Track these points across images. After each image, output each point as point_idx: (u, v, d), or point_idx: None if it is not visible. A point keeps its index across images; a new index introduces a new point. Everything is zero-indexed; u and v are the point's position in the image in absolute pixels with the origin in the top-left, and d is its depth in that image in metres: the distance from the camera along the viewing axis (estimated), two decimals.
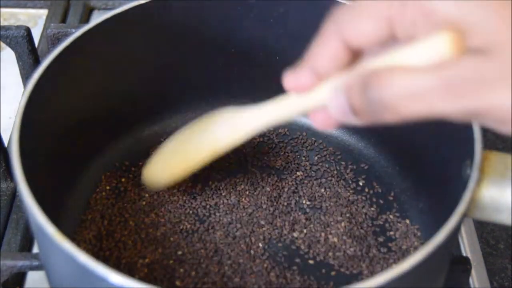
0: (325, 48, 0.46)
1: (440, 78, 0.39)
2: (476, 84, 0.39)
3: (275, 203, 0.66)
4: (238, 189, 0.67)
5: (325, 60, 0.46)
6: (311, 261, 0.61)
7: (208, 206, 0.65)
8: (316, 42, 0.47)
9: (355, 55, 0.46)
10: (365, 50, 0.46)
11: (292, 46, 0.69)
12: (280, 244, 0.63)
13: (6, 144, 0.68)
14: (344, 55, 0.46)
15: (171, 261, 0.61)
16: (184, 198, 0.66)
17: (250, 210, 0.65)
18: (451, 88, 0.39)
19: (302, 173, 0.69)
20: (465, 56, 0.40)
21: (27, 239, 0.67)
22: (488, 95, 0.39)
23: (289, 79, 0.48)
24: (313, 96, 0.48)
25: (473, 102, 0.39)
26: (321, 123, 0.49)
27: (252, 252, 0.62)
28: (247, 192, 0.67)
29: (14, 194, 0.70)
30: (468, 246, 0.70)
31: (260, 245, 0.63)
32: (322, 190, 0.67)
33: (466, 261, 0.62)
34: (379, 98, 0.41)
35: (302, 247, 0.62)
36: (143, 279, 0.59)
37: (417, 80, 0.40)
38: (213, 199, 0.66)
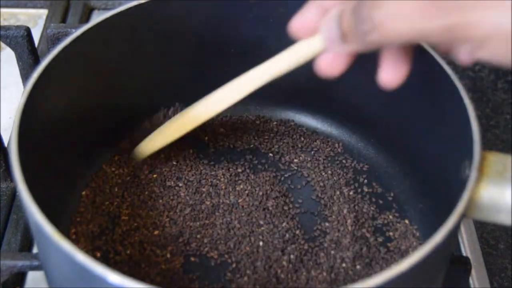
0: None
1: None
2: (458, 3, 0.41)
3: (274, 203, 0.66)
4: (237, 189, 0.67)
5: None
6: (310, 261, 0.61)
7: (207, 206, 0.65)
8: None
9: None
10: None
11: None
12: (279, 244, 0.63)
13: (6, 144, 0.69)
14: None
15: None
16: (183, 198, 0.66)
17: (249, 210, 0.65)
18: (432, 7, 0.42)
19: (301, 173, 0.69)
20: None
21: (27, 239, 0.67)
22: (467, 13, 0.41)
23: (295, 20, 0.52)
24: (316, 39, 0.51)
25: (452, 18, 0.41)
26: (324, 66, 0.52)
27: (251, 251, 0.62)
28: (247, 192, 0.67)
29: (14, 194, 0.70)
30: (468, 246, 0.70)
31: (260, 244, 0.63)
32: (322, 190, 0.67)
33: (466, 261, 0.62)
34: (367, 15, 0.44)
35: (302, 247, 0.62)
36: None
37: (405, 3, 0.43)
38: (212, 198, 0.66)
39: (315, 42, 0.52)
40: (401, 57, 0.50)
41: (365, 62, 0.66)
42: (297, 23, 0.53)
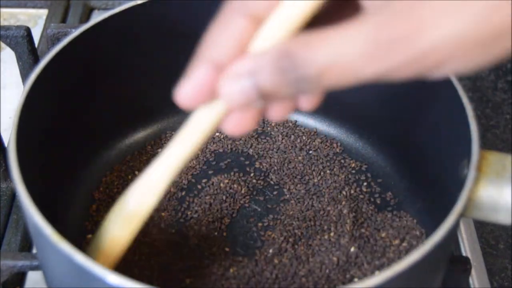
0: (227, 28, 0.40)
1: (367, 42, 0.36)
2: (405, 31, 0.36)
3: (272, 204, 0.66)
4: (235, 187, 0.67)
5: (227, 42, 0.40)
6: (308, 260, 0.61)
7: (208, 203, 0.65)
8: (213, 26, 0.41)
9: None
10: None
11: None
12: (277, 243, 0.63)
13: (6, 144, 0.69)
14: (250, 31, 0.40)
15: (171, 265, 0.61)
16: (183, 201, 0.66)
17: (248, 209, 0.65)
18: (376, 47, 0.36)
19: (299, 173, 0.69)
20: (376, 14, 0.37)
21: (27, 239, 0.67)
22: (417, 42, 0.36)
23: (182, 88, 0.41)
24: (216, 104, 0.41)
25: (404, 54, 0.36)
26: (234, 126, 0.43)
27: (248, 248, 0.62)
28: (244, 191, 0.67)
29: (14, 194, 0.70)
30: (468, 246, 0.70)
31: (258, 242, 0.63)
32: (321, 189, 0.67)
33: (466, 261, 0.62)
34: (305, 61, 0.37)
35: (301, 246, 0.62)
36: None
37: (343, 46, 0.37)
38: (211, 196, 0.66)
39: (217, 108, 0.42)
40: None
41: None
42: (188, 89, 0.41)
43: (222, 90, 0.40)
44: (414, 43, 0.36)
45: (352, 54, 0.37)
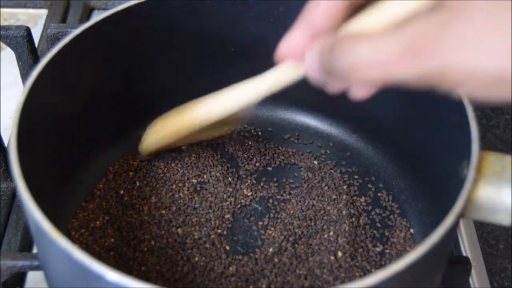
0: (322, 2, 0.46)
1: (398, 42, 0.40)
2: (434, 47, 0.39)
3: (272, 203, 0.66)
4: (237, 186, 0.67)
5: (320, 14, 0.46)
6: (308, 259, 0.61)
7: (205, 203, 0.66)
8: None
9: (352, 11, 0.46)
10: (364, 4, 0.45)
11: None
12: (277, 243, 0.63)
13: (6, 144, 0.69)
14: (341, 9, 0.46)
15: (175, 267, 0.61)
16: (184, 202, 0.66)
17: (249, 207, 0.65)
18: (407, 55, 0.39)
19: (301, 173, 0.69)
20: (423, 14, 0.40)
21: (27, 239, 0.67)
22: (443, 58, 0.39)
23: (284, 43, 0.49)
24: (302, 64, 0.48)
25: (427, 65, 0.39)
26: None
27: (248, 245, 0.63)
28: (245, 191, 0.67)
29: (14, 194, 0.70)
30: (468, 246, 0.70)
31: (258, 240, 0.63)
32: (320, 189, 0.67)
33: (466, 261, 0.62)
34: (336, 66, 0.42)
35: (300, 246, 0.62)
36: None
37: (375, 48, 0.40)
38: (210, 194, 0.66)
39: (298, 68, 0.51)
40: None
41: None
42: (285, 45, 0.49)
43: (305, 57, 0.46)
44: (441, 56, 0.39)
45: (380, 56, 0.40)
